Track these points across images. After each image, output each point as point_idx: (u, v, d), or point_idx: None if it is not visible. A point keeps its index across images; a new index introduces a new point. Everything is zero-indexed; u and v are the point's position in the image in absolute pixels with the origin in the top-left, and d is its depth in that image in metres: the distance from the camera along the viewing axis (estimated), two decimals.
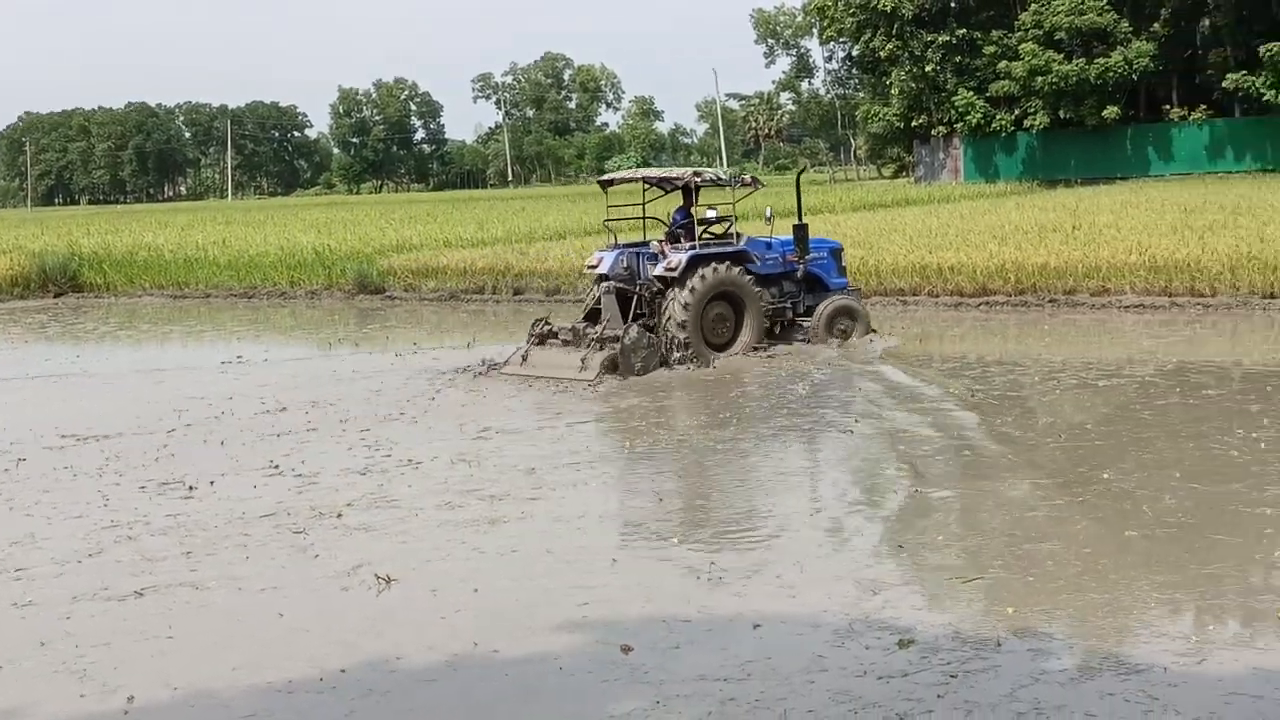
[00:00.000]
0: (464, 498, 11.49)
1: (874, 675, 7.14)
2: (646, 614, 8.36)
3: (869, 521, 10.38)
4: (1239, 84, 62.13)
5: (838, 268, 20.76)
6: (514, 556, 9.76)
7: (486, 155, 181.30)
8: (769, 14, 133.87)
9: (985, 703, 6.71)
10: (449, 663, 7.73)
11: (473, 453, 13.38)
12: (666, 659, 7.57)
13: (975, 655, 7.36)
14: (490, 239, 40.79)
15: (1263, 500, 10.31)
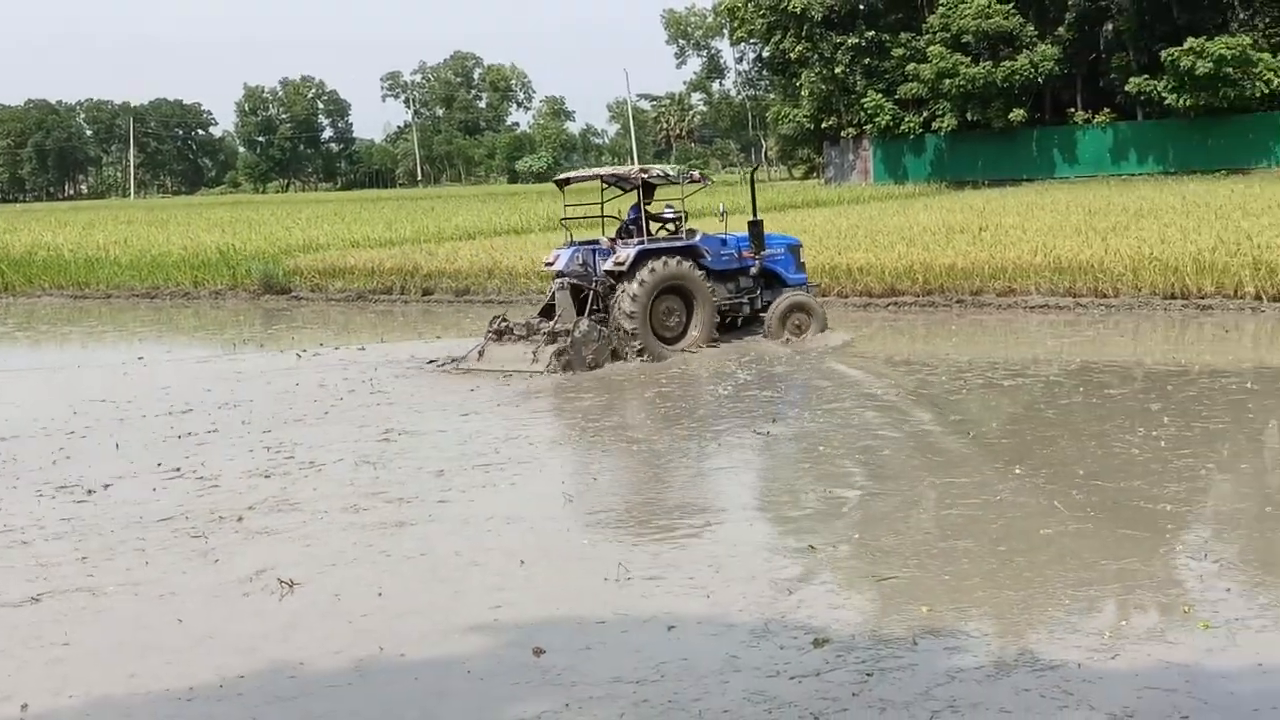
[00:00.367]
0: (370, 500, 11.27)
1: (789, 675, 7.06)
2: (559, 616, 8.22)
3: (784, 521, 10.32)
4: (1141, 88, 63.24)
5: (796, 264, 20.94)
6: (422, 560, 9.57)
7: (395, 154, 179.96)
8: (680, 14, 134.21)
9: (900, 701, 6.65)
10: (355, 667, 7.54)
11: (378, 454, 13.15)
12: (579, 660, 7.44)
13: (890, 654, 7.30)
14: (399, 239, 40.47)
15: (1164, 496, 10.37)
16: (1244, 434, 12.71)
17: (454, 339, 22.04)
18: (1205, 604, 7.86)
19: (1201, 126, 62.58)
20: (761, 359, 18.40)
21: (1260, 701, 6.51)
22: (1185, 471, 11.08)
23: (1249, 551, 8.99)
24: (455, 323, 25.79)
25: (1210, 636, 7.34)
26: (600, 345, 18.25)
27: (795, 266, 20.86)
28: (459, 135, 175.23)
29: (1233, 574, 8.49)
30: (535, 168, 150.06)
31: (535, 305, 28.27)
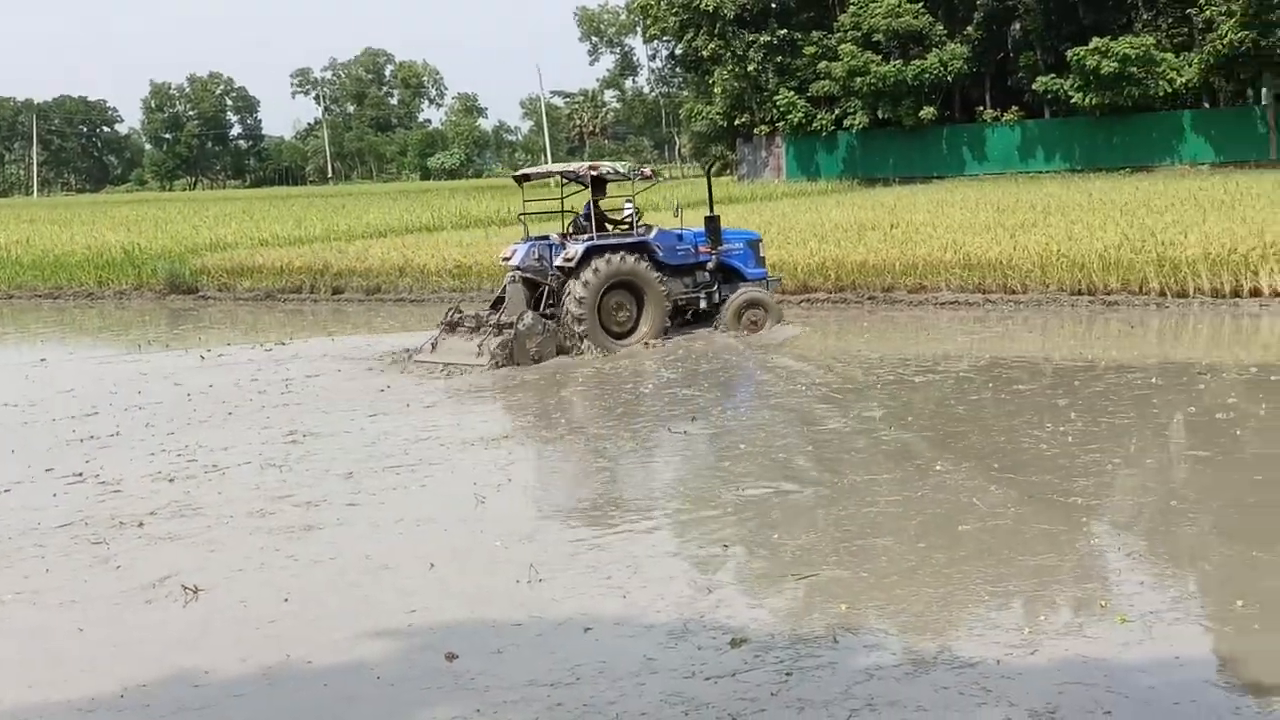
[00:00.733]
0: (276, 504, 11.04)
1: (707, 675, 6.98)
2: (472, 619, 8.09)
3: (703, 521, 10.21)
4: (1048, 86, 64.08)
5: (755, 258, 21.05)
6: (330, 564, 9.38)
7: (306, 152, 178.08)
8: (592, 12, 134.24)
9: (819, 700, 6.61)
10: (263, 675, 7.37)
11: (284, 457, 12.91)
12: (492, 664, 7.32)
13: (809, 652, 7.25)
14: (309, 237, 40.01)
15: (1075, 490, 10.45)
16: (1149, 428, 12.84)
17: (368, 334, 21.77)
18: (1121, 598, 7.89)
19: (1107, 125, 63.50)
20: (702, 355, 18.38)
21: (1179, 694, 6.53)
22: (1093, 466, 11.15)
23: (1159, 545, 9.06)
24: (366, 321, 25.53)
25: (1127, 630, 7.36)
26: (545, 339, 18.27)
27: (754, 261, 20.99)
28: (370, 132, 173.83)
29: (1146, 567, 8.55)
30: (448, 165, 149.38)
31: (448, 302, 28.15)
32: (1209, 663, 6.98)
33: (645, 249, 19.38)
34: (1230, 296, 21.23)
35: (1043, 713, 6.36)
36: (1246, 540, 8.89)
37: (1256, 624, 7.39)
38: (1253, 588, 7.95)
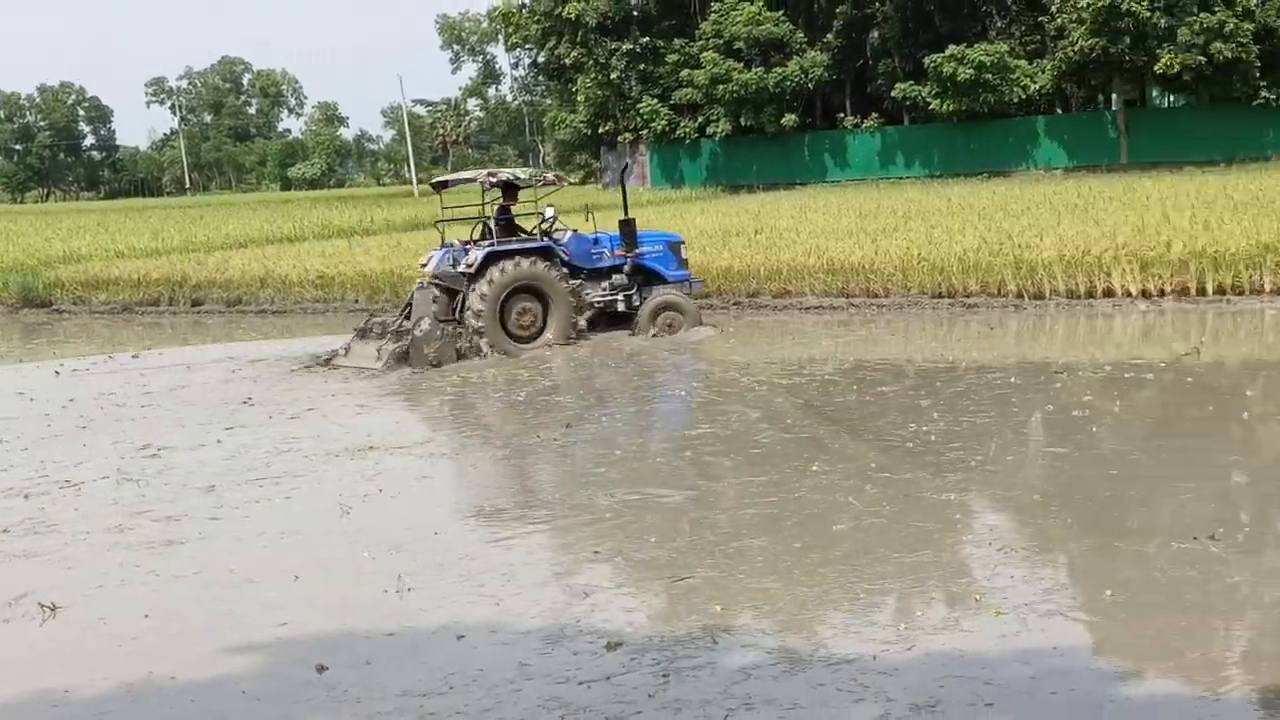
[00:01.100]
0: (135, 519, 10.72)
1: (583, 680, 6.93)
2: (342, 630, 7.93)
3: (577, 526, 10.13)
4: (906, 93, 65.23)
5: (677, 260, 21.08)
6: (194, 578, 9.15)
7: (162, 162, 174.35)
8: (454, 20, 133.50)
9: (696, 700, 6.59)
10: (127, 692, 7.16)
11: (142, 471, 12.59)
12: (364, 675, 7.19)
13: (685, 654, 7.23)
14: (166, 248, 39.25)
15: (945, 487, 10.59)
16: (1009, 426, 13.07)
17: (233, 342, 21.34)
18: (995, 591, 7.97)
19: (964, 131, 64.79)
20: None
21: (1058, 683, 6.62)
22: (959, 463, 11.33)
23: (1029, 538, 9.18)
24: (227, 334, 25.05)
25: (1003, 623, 7.43)
26: (443, 343, 18.42)
27: (675, 263, 21.03)
28: (228, 142, 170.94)
29: (1017, 561, 8.64)
30: (308, 175, 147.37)
31: (311, 314, 27.78)
32: (1085, 651, 7.08)
33: (548, 253, 19.43)
34: (1084, 297, 21.72)
35: (924, 706, 6.40)
36: (1108, 532, 9.07)
37: (1124, 612, 7.53)
38: (1117, 577, 8.12)
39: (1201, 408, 13.42)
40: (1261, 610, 7.55)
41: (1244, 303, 20.49)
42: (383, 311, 22.37)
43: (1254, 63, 57.76)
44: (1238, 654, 6.99)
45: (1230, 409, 13.31)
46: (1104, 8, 57.40)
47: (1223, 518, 9.22)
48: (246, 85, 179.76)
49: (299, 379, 18.04)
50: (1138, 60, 59.02)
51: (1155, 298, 21.18)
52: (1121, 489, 10.29)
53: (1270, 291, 20.72)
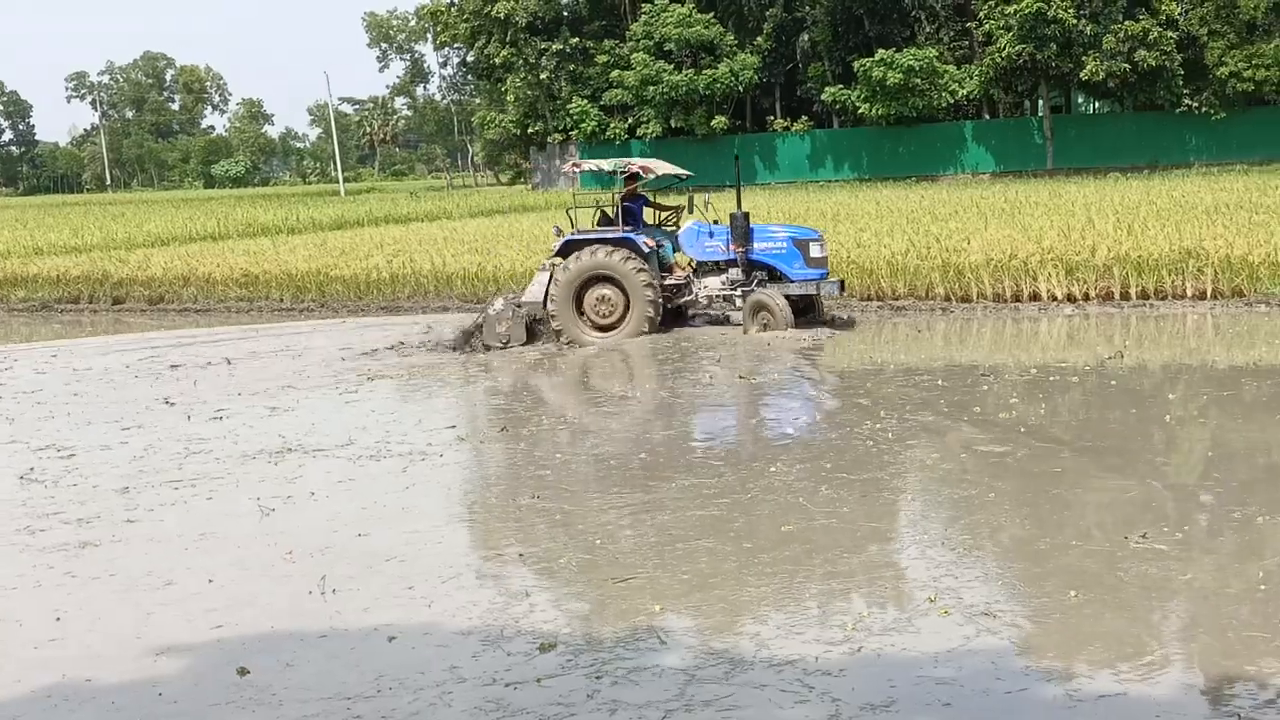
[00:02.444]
0: (46, 521, 10.43)
1: (517, 682, 6.76)
2: (266, 633, 7.73)
3: (516, 529, 9.98)
4: (836, 97, 65.62)
5: (804, 259, 19.90)
6: (111, 580, 8.88)
7: (83, 158, 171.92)
8: (381, 18, 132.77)
9: (633, 702, 6.47)
10: (45, 696, 6.95)
11: (50, 471, 12.26)
12: (288, 678, 7.00)
13: (624, 655, 7.09)
14: (87, 246, 38.77)
15: (905, 488, 10.62)
16: (945, 429, 13.10)
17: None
18: (949, 592, 7.90)
19: (893, 135, 65.32)
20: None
21: (1016, 683, 6.56)
22: (895, 466, 11.35)
23: (983, 538, 9.14)
24: (148, 333, 24.66)
25: (957, 623, 7.36)
26: (514, 323, 19.09)
27: (802, 261, 19.92)
28: (150, 138, 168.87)
29: (970, 561, 8.58)
30: (232, 172, 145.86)
31: (235, 312, 27.45)
32: (1044, 651, 7.01)
33: (629, 245, 19.39)
34: (1011, 301, 21.89)
35: (878, 706, 6.32)
36: (1051, 532, 9.06)
37: (1086, 609, 7.49)
38: (1069, 577, 8.07)
39: (1124, 410, 13.51)
40: (1201, 604, 7.57)
41: (1166, 307, 20.72)
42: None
43: (1177, 70, 58.71)
44: (1183, 648, 7.00)
45: (1152, 412, 13.42)
46: (1031, 15, 58.07)
47: (1150, 518, 9.28)
48: (170, 81, 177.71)
49: (208, 372, 17.72)
50: (1064, 67, 59.77)
51: (1080, 302, 21.37)
52: (1053, 490, 10.31)
53: (1192, 296, 20.98)
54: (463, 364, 18.19)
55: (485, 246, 31.26)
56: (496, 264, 27.38)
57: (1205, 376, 15.66)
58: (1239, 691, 6.40)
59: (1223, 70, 57.43)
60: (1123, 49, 57.81)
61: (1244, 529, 9.00)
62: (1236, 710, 6.19)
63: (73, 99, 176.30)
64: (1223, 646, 6.99)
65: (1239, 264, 21.04)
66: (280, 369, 18.25)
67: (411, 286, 27.11)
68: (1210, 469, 11.16)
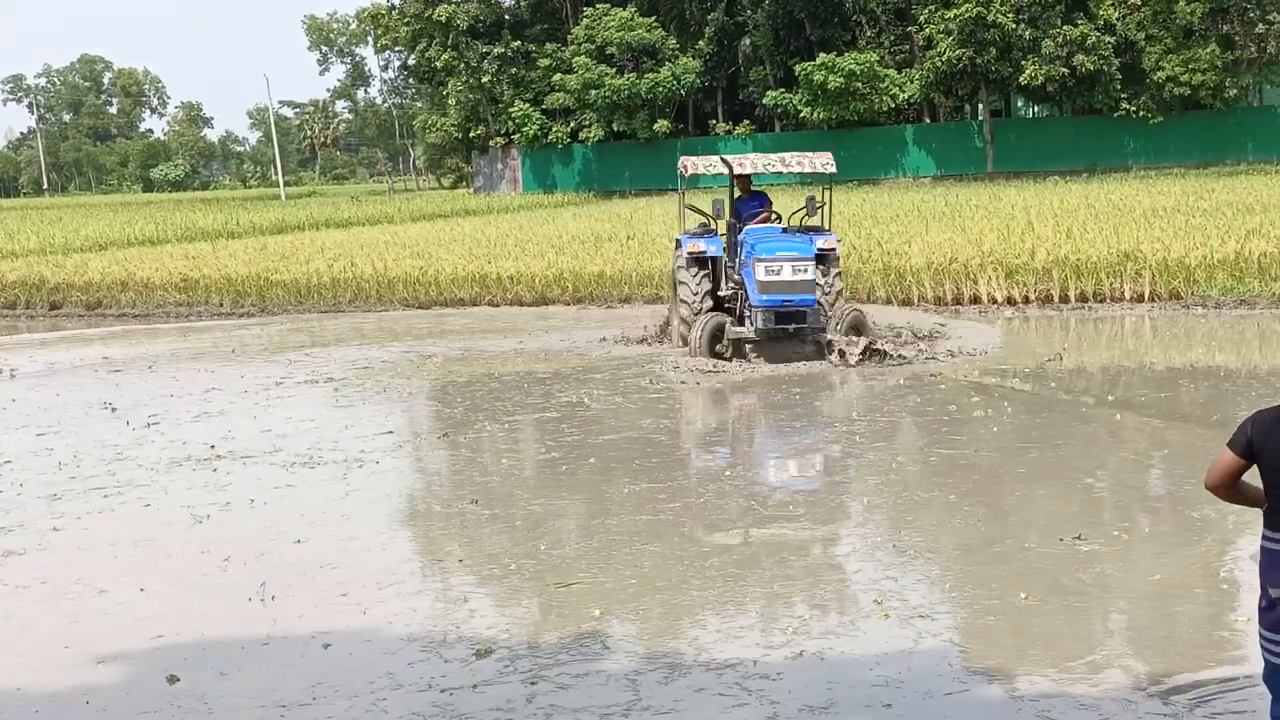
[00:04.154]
0: None
1: (454, 688, 6.67)
2: (198, 641, 7.58)
3: (458, 533, 9.87)
4: (777, 101, 65.82)
5: (755, 282, 17.14)
6: (40, 588, 8.69)
7: (19, 162, 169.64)
8: (321, 21, 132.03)
9: (571, 706, 6.39)
10: None
11: None
12: (220, 686, 6.87)
13: (562, 660, 7.00)
14: (23, 250, 38.43)
15: (865, 490, 10.64)
16: (884, 432, 13.15)
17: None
18: (893, 594, 7.86)
19: (835, 138, 65.47)
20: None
21: (957, 684, 6.54)
22: (857, 468, 11.39)
23: (936, 540, 9.10)
24: (86, 338, 24.33)
25: (900, 626, 7.33)
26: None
27: (755, 287, 16.93)
28: (88, 142, 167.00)
29: (920, 564, 8.57)
30: (171, 176, 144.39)
31: (174, 317, 27.14)
32: (982, 651, 7.01)
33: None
34: (952, 304, 22.00)
35: (817, 708, 6.27)
36: (992, 534, 9.09)
37: (1035, 615, 7.46)
38: (1008, 578, 8.09)
39: (1063, 411, 13.59)
40: (1140, 604, 7.61)
41: (1104, 309, 20.89)
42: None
43: (1115, 75, 59.28)
44: (1125, 648, 7.01)
45: (1089, 413, 13.51)
46: (971, 19, 58.48)
47: (1086, 519, 9.32)
48: (107, 84, 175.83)
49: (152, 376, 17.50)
50: (1003, 71, 60.23)
51: (1020, 304, 21.51)
52: (993, 492, 10.35)
53: (1130, 299, 21.17)
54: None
55: (427, 251, 31.14)
56: (438, 268, 27.25)
57: (1143, 378, 15.80)
58: (1179, 690, 6.41)
59: (1160, 75, 58.06)
60: (1061, 53, 58.32)
61: (1184, 530, 9.05)
62: (1176, 709, 6.21)
63: (9, 101, 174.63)
64: (1163, 645, 7.02)
65: (1176, 266, 21.26)
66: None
67: (353, 291, 26.94)
68: (1148, 469, 11.26)
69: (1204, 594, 7.79)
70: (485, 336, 21.23)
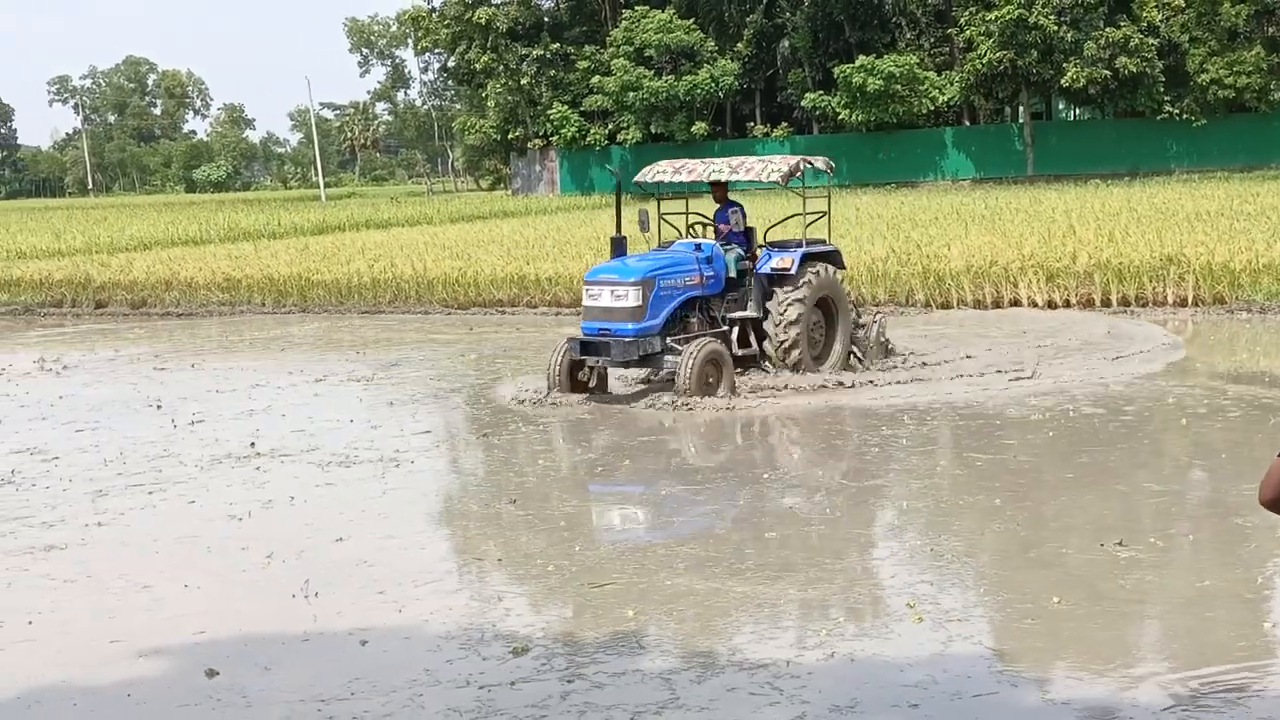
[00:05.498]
0: (14, 524, 10.35)
1: (491, 685, 6.74)
2: (238, 635, 7.66)
3: (495, 534, 9.95)
4: (816, 103, 65.69)
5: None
6: (86, 582, 8.80)
7: (65, 162, 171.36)
8: (362, 23, 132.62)
9: (605, 704, 6.43)
10: (18, 698, 6.92)
11: (24, 473, 12.20)
12: (259, 680, 6.94)
13: (596, 658, 7.05)
14: (69, 250, 38.74)
15: (907, 494, 10.65)
16: (935, 437, 13.12)
17: None
18: (928, 598, 7.85)
19: (873, 141, 65.40)
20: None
21: (986, 686, 6.53)
22: (921, 470, 11.38)
23: (974, 545, 9.08)
24: (132, 337, 24.55)
25: (931, 629, 7.31)
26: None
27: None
28: (132, 143, 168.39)
29: (956, 568, 8.55)
30: (214, 177, 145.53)
31: (217, 316, 27.35)
32: (1019, 657, 6.95)
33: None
34: (991, 307, 21.89)
35: (844, 708, 6.29)
36: (1036, 540, 9.05)
37: (1069, 620, 7.43)
38: (1045, 584, 8.05)
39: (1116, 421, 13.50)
40: (1179, 611, 7.56)
41: (1147, 314, 20.73)
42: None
43: (1158, 77, 58.85)
44: (1161, 654, 6.97)
45: (1137, 418, 13.41)
46: (1012, 21, 58.21)
47: (1128, 526, 9.27)
48: (151, 85, 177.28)
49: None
50: (1044, 73, 59.93)
51: (1060, 308, 21.39)
52: (1038, 498, 10.31)
53: (1173, 303, 21.01)
54: None
55: (465, 252, 31.24)
56: (477, 269, 27.33)
57: (1194, 382, 15.60)
58: (1214, 697, 6.38)
59: (1204, 77, 57.62)
60: (1104, 55, 57.96)
61: (1228, 536, 8.99)
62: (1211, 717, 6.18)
63: (55, 103, 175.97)
64: (1200, 652, 6.97)
65: (1220, 271, 21.07)
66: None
67: (393, 291, 27.06)
68: (1192, 475, 11.20)
69: (1246, 601, 7.73)
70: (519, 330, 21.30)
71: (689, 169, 16.36)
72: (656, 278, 14.72)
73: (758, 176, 15.91)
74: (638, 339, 14.52)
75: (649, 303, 14.59)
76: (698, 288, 15.20)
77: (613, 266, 15.14)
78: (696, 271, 15.17)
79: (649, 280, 14.65)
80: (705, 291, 15.36)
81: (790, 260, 15.52)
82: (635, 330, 14.51)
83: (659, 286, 14.71)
